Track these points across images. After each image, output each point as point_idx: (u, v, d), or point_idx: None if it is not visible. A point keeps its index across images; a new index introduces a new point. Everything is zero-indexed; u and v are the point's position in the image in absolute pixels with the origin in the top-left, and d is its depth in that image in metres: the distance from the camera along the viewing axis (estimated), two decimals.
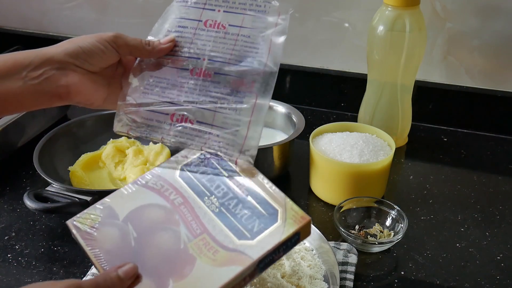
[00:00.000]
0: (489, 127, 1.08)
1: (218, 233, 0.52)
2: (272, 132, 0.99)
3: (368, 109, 1.02)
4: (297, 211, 0.53)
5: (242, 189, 0.55)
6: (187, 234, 0.52)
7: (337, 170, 0.83)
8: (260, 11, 0.60)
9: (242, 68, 0.58)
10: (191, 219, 0.53)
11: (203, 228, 0.52)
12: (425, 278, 0.72)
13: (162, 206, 0.55)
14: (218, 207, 0.54)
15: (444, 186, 0.92)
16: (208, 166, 0.58)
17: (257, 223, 0.52)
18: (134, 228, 0.53)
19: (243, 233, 0.52)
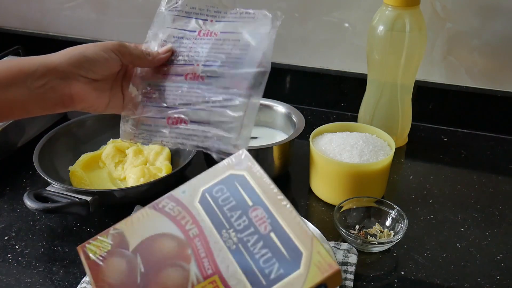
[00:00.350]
0: (489, 127, 1.08)
1: (230, 277, 0.47)
2: (272, 132, 0.99)
3: (368, 109, 1.02)
4: (325, 256, 0.46)
5: (265, 223, 0.49)
6: (197, 273, 0.48)
7: (337, 170, 0.83)
8: (250, 18, 0.63)
9: (233, 70, 0.60)
10: (204, 255, 0.49)
11: (215, 268, 0.47)
12: (425, 278, 0.72)
13: (176, 237, 0.51)
14: (235, 243, 0.49)
15: (444, 186, 0.92)
16: (231, 190, 0.53)
17: (276, 267, 0.46)
18: (142, 261, 0.50)
19: (259, 279, 0.46)
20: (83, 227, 0.81)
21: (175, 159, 0.95)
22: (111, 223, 0.81)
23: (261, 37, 0.63)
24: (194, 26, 0.65)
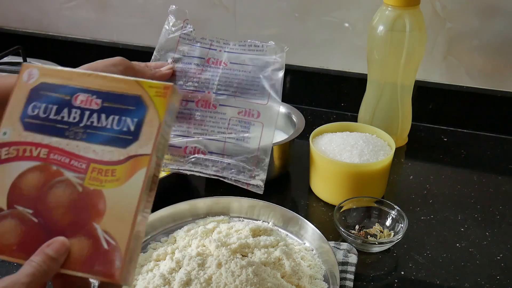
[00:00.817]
0: (489, 127, 1.08)
1: (102, 155, 0.49)
2: None
3: (368, 109, 1.02)
4: (157, 85, 0.50)
5: (92, 100, 0.51)
6: (76, 175, 0.48)
7: (337, 170, 0.83)
8: (258, 51, 0.66)
9: (246, 100, 0.63)
10: (68, 160, 0.49)
11: (86, 160, 0.49)
12: (425, 278, 0.72)
13: (33, 167, 0.49)
14: (84, 132, 0.50)
15: (444, 186, 0.92)
16: (43, 101, 0.52)
17: (129, 121, 0.49)
18: (24, 206, 0.48)
19: (124, 138, 0.49)
20: None
21: None
22: None
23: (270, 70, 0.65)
24: (201, 53, 0.66)
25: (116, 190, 0.47)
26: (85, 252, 0.46)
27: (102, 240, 0.46)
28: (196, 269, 0.68)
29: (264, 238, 0.74)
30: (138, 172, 0.48)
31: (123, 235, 0.46)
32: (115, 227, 0.47)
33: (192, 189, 0.93)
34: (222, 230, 0.76)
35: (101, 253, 0.46)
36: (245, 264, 0.67)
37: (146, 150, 0.48)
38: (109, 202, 0.47)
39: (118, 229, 0.46)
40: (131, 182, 0.47)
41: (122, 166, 0.48)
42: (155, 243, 0.76)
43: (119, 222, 0.47)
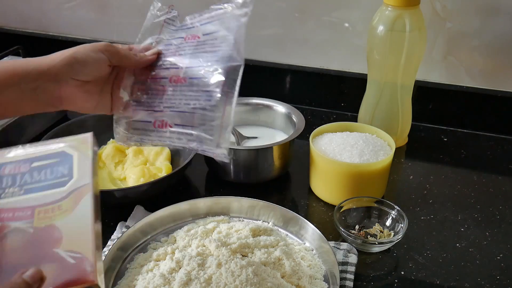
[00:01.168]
0: (489, 127, 1.08)
1: (44, 199, 0.53)
2: (272, 132, 0.99)
3: (368, 109, 1.02)
4: (77, 138, 0.58)
5: (20, 166, 0.56)
6: (23, 223, 0.52)
7: (337, 170, 0.83)
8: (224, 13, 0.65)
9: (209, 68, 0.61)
10: (11, 214, 0.53)
11: (29, 208, 0.53)
12: (425, 278, 0.72)
13: None
14: (20, 189, 0.54)
15: (444, 186, 0.92)
16: None
17: (61, 168, 0.55)
18: None
19: (61, 181, 0.54)
20: None
21: (175, 159, 0.95)
22: (111, 223, 0.81)
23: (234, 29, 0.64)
24: (181, 34, 0.67)
25: (67, 218, 0.52)
26: (54, 273, 0.49)
27: (67, 258, 0.50)
28: (196, 269, 0.68)
29: (264, 238, 0.74)
30: (84, 198, 0.53)
31: (86, 246, 0.50)
32: (76, 244, 0.50)
33: (192, 189, 0.93)
34: (222, 230, 0.76)
35: (71, 267, 0.49)
36: (245, 264, 0.67)
37: (86, 181, 0.54)
38: (63, 229, 0.51)
39: (80, 244, 0.50)
40: (80, 207, 0.52)
41: (66, 200, 0.53)
42: (155, 243, 0.76)
43: (80, 238, 0.51)
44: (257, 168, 0.89)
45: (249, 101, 1.01)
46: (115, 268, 0.71)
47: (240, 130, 0.96)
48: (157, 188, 0.84)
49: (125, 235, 0.74)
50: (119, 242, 0.72)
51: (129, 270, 0.71)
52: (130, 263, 0.73)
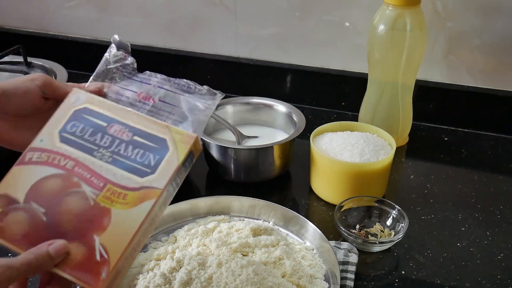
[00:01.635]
0: (490, 126, 1.08)
1: (120, 179, 0.54)
2: (273, 132, 0.99)
3: (368, 108, 1.01)
4: (182, 133, 0.56)
5: (125, 132, 0.57)
6: (92, 190, 0.54)
7: (337, 169, 0.83)
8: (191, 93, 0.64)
9: None
10: (89, 176, 0.54)
11: (105, 180, 0.54)
12: (426, 278, 0.72)
13: (57, 174, 0.55)
14: (110, 156, 0.56)
15: (445, 186, 0.92)
16: (82, 122, 0.58)
17: (151, 157, 0.55)
18: (38, 204, 0.53)
19: (143, 170, 0.55)
20: None
21: None
22: None
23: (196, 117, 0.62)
24: (136, 87, 0.64)
25: (123, 212, 0.52)
26: (78, 258, 0.51)
27: (97, 251, 0.51)
28: (197, 268, 0.68)
29: (265, 238, 0.74)
30: (146, 202, 0.53)
31: (116, 252, 0.51)
32: (112, 243, 0.51)
33: (193, 188, 0.93)
34: (222, 229, 0.76)
35: (92, 263, 0.50)
36: (246, 264, 0.67)
37: (159, 185, 0.54)
38: (113, 220, 0.52)
39: (114, 246, 0.51)
40: (138, 208, 0.53)
41: (135, 193, 0.53)
42: (156, 243, 0.76)
43: (117, 240, 0.51)
44: (257, 167, 0.89)
45: (249, 100, 1.01)
46: None
47: (240, 130, 0.96)
48: None
49: None
50: None
51: (130, 269, 0.71)
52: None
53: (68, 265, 0.50)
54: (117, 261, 0.50)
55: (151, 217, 0.53)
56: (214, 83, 1.29)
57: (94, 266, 0.50)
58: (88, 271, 0.50)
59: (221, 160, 0.89)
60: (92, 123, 0.57)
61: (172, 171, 0.54)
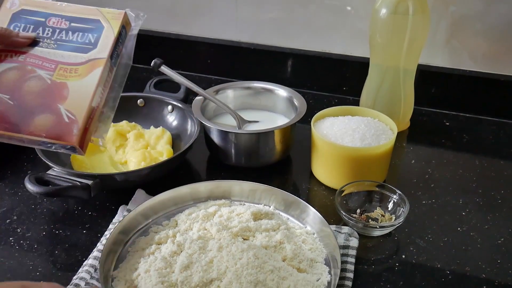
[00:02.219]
0: (491, 111, 1.08)
1: (68, 58, 0.65)
2: (274, 116, 0.99)
3: (370, 93, 1.01)
4: (113, 12, 0.67)
5: (62, 21, 0.67)
6: (46, 73, 0.64)
7: (338, 154, 0.82)
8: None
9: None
10: (41, 62, 0.64)
11: (55, 62, 0.64)
12: (426, 262, 0.72)
13: (12, 67, 0.64)
14: (54, 43, 0.66)
15: (446, 171, 0.92)
16: (23, 22, 0.67)
17: (90, 36, 0.66)
18: (2, 93, 0.63)
19: (86, 47, 0.65)
20: (84, 211, 0.81)
21: (176, 143, 0.94)
22: (112, 206, 0.81)
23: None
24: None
25: (77, 82, 0.63)
26: (49, 124, 0.61)
27: (64, 115, 0.62)
28: (198, 252, 0.68)
29: (266, 222, 0.74)
30: (95, 70, 0.64)
31: (81, 112, 0.62)
32: (75, 107, 0.62)
33: (193, 173, 0.93)
34: (223, 213, 0.76)
35: (63, 125, 0.61)
36: (246, 248, 0.67)
37: (103, 55, 0.65)
38: (71, 90, 0.63)
39: (77, 108, 0.62)
40: (90, 77, 0.64)
41: (83, 66, 0.64)
42: (157, 227, 0.76)
43: (79, 103, 0.62)
44: (258, 152, 0.89)
45: (250, 85, 1.01)
46: (117, 251, 0.71)
47: (241, 114, 0.96)
48: (158, 172, 0.84)
49: (127, 219, 0.74)
50: (120, 225, 0.72)
51: (131, 253, 0.72)
52: (131, 246, 0.73)
53: (43, 131, 0.61)
54: (83, 119, 0.61)
55: (102, 81, 0.64)
56: (214, 68, 1.29)
57: (64, 126, 0.61)
58: (61, 131, 0.61)
59: (222, 144, 0.89)
60: (31, 21, 0.67)
61: (111, 43, 0.65)
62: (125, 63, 0.70)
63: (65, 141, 0.61)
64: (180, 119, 0.97)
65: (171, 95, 0.99)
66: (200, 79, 1.23)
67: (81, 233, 0.77)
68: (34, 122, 0.62)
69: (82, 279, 0.67)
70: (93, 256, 0.71)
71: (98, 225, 0.78)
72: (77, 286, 0.66)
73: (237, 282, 0.63)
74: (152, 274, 0.65)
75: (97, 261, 0.69)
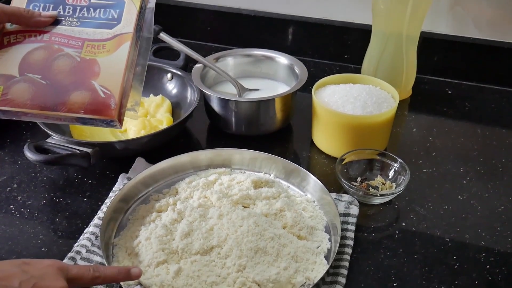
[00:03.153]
0: (494, 79, 1.06)
1: (94, 35, 0.64)
2: (274, 84, 0.98)
3: (372, 60, 1.00)
4: None
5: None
6: (74, 50, 0.64)
7: (339, 122, 0.82)
8: None
9: None
10: (67, 41, 0.64)
11: (81, 39, 0.64)
12: (426, 230, 0.73)
13: (38, 47, 0.64)
14: (77, 21, 0.65)
15: (447, 139, 0.91)
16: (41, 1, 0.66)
17: (113, 11, 0.66)
18: (33, 73, 0.62)
19: (110, 23, 0.65)
20: (84, 179, 0.81)
21: (176, 111, 0.94)
22: (112, 175, 0.81)
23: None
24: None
25: (107, 58, 0.63)
26: (86, 101, 0.61)
27: (99, 91, 0.62)
28: (198, 220, 0.68)
29: (266, 190, 0.74)
30: (123, 45, 0.64)
31: (115, 87, 0.62)
32: (109, 82, 0.62)
33: (194, 141, 0.92)
34: (223, 182, 0.76)
35: (99, 100, 0.61)
36: (247, 215, 0.68)
37: (129, 29, 0.65)
38: (102, 66, 0.63)
39: (111, 83, 0.62)
40: (119, 52, 0.64)
41: (111, 42, 0.64)
42: (157, 195, 0.76)
43: (112, 78, 0.62)
44: (258, 120, 0.88)
45: (251, 52, 0.99)
46: (117, 219, 0.72)
47: (241, 82, 0.95)
48: (158, 140, 0.83)
49: (127, 187, 0.74)
50: (120, 193, 0.72)
51: (131, 221, 0.72)
52: (132, 214, 0.73)
53: (81, 108, 0.61)
54: (119, 93, 0.61)
55: (131, 57, 0.64)
56: (214, 35, 1.27)
57: (101, 101, 0.61)
58: (99, 106, 0.61)
59: (222, 113, 0.88)
60: (50, 0, 0.66)
61: (135, 17, 0.65)
62: (147, 36, 0.70)
63: (105, 115, 0.61)
64: (180, 87, 0.96)
65: (170, 63, 0.98)
66: (200, 46, 1.21)
67: (82, 201, 0.77)
68: (70, 100, 0.61)
69: (83, 247, 0.67)
70: (93, 223, 0.71)
71: (98, 193, 0.78)
72: (78, 253, 0.66)
73: (238, 249, 0.63)
74: (153, 241, 0.66)
75: (98, 228, 0.70)
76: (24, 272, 0.51)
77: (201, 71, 0.92)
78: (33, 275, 0.51)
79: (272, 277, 0.61)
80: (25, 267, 0.52)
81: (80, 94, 0.61)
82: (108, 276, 0.57)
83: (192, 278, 0.61)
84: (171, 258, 0.64)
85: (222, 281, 0.61)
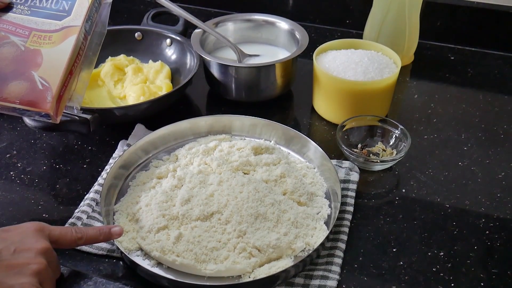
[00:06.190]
0: (498, 45, 1.05)
1: (42, 25, 0.65)
2: (275, 50, 0.97)
3: (374, 25, 0.98)
4: None
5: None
6: (20, 39, 0.64)
7: (340, 88, 0.81)
8: None
9: None
10: (14, 29, 0.65)
11: (29, 28, 0.65)
12: (426, 196, 0.73)
13: None
14: (28, 10, 0.66)
15: (449, 105, 0.91)
16: None
17: (64, 3, 0.66)
18: None
19: (60, 15, 0.66)
20: (84, 146, 0.81)
21: (176, 77, 0.93)
22: (112, 141, 0.81)
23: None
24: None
25: (52, 50, 0.64)
26: (23, 91, 0.62)
27: (38, 82, 0.62)
28: (198, 186, 0.68)
29: (266, 156, 0.74)
30: (69, 38, 0.64)
31: (55, 80, 0.62)
32: (49, 74, 0.62)
33: (193, 107, 0.92)
34: (223, 148, 0.76)
35: (37, 92, 0.62)
36: (247, 181, 0.68)
37: (77, 23, 0.65)
38: (45, 57, 0.63)
39: (51, 75, 0.62)
40: (64, 44, 0.64)
41: (57, 34, 0.64)
42: (157, 161, 0.76)
43: (53, 71, 0.62)
44: (259, 86, 0.87)
45: (251, 17, 0.98)
46: (118, 185, 0.72)
47: (241, 48, 0.93)
48: (158, 107, 0.83)
49: (127, 153, 0.73)
50: (120, 160, 0.72)
51: (132, 187, 0.72)
52: (132, 180, 0.73)
53: (17, 98, 0.61)
54: (57, 86, 0.62)
55: (77, 49, 0.65)
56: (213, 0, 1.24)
57: (39, 93, 0.61)
58: (35, 98, 0.61)
59: (222, 79, 0.87)
60: None
61: (85, 10, 0.66)
62: (100, 31, 0.69)
63: (39, 108, 0.61)
64: (179, 52, 0.95)
65: (169, 28, 0.96)
66: (199, 11, 1.19)
67: (82, 167, 0.77)
68: (7, 89, 0.61)
69: (84, 213, 0.68)
70: (94, 190, 0.71)
71: (98, 160, 0.78)
72: (79, 219, 0.67)
73: (238, 215, 0.64)
74: (153, 207, 0.66)
75: (98, 195, 0.70)
76: (3, 239, 0.52)
77: (200, 37, 0.91)
78: (12, 241, 0.52)
79: (272, 242, 0.61)
80: (3, 234, 0.52)
81: (18, 84, 0.61)
82: (90, 236, 0.58)
83: (192, 244, 0.61)
84: (171, 224, 0.64)
85: (223, 246, 0.62)
